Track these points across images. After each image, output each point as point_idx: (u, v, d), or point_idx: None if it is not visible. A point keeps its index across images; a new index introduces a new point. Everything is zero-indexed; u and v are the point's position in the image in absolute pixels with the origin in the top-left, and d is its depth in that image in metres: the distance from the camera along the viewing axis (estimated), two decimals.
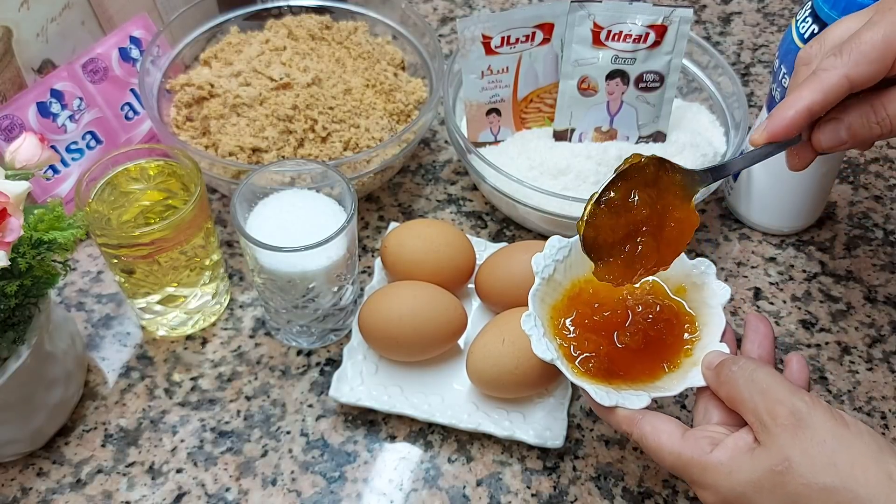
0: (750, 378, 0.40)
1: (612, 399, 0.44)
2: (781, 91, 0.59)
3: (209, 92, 0.66)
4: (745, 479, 0.38)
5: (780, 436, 0.38)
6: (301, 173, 0.55)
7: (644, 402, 0.44)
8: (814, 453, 0.37)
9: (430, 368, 0.57)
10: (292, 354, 0.59)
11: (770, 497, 0.38)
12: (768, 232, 0.68)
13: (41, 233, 0.46)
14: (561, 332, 0.48)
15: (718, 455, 0.39)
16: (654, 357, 0.48)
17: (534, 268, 0.49)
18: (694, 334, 0.48)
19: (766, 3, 0.93)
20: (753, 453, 0.39)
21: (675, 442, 0.41)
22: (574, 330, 0.48)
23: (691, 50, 0.70)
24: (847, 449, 0.37)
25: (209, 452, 0.54)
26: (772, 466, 0.38)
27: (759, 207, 0.67)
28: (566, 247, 0.50)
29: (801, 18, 0.56)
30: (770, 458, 0.38)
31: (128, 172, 0.55)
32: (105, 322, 0.61)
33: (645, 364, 0.47)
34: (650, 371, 0.47)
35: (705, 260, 0.50)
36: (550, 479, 0.53)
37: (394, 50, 0.74)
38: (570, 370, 0.45)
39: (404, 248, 0.58)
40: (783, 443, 0.38)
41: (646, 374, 0.47)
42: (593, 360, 0.47)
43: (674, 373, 0.47)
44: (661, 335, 0.48)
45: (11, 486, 0.52)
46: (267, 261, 0.52)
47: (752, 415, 0.39)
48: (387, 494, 0.52)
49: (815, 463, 0.37)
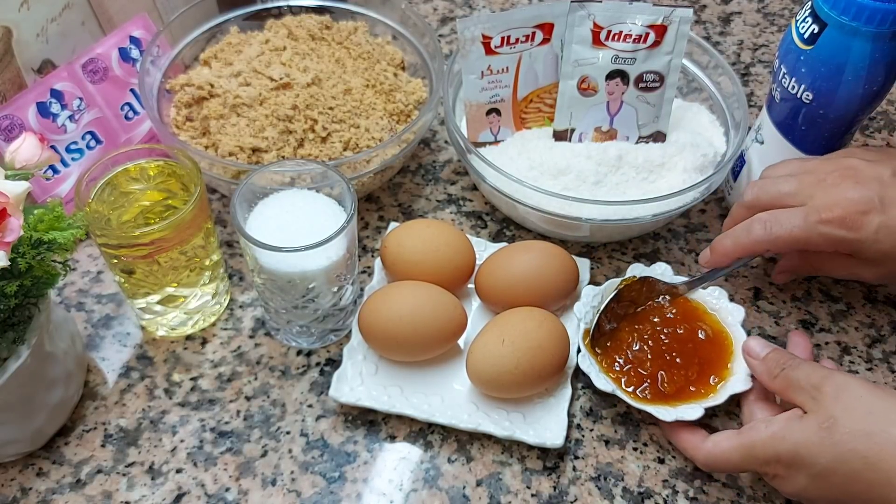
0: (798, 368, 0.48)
1: (672, 415, 0.52)
2: (782, 91, 0.59)
3: (209, 92, 0.66)
4: (798, 439, 0.45)
5: (824, 402, 0.45)
6: (301, 173, 0.55)
7: (698, 413, 0.52)
8: (854, 406, 0.44)
9: (430, 368, 0.57)
10: (292, 354, 0.59)
11: (819, 449, 0.44)
12: None
13: (41, 233, 0.46)
14: (612, 368, 0.55)
15: (773, 428, 0.47)
16: (702, 372, 0.55)
17: (577, 315, 0.57)
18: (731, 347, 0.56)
19: (766, 3, 0.93)
20: (802, 420, 0.46)
21: (734, 438, 0.49)
22: (624, 364, 0.55)
23: (691, 50, 0.70)
24: (881, 401, 0.44)
25: (209, 452, 0.54)
26: (819, 424, 0.45)
27: None
28: (598, 294, 0.59)
29: (801, 18, 0.56)
30: (817, 419, 0.45)
31: (128, 172, 0.55)
32: (105, 322, 0.61)
33: (695, 381, 0.54)
34: (700, 386, 0.54)
35: (717, 287, 0.59)
36: (550, 479, 0.53)
37: (394, 50, 0.74)
38: (629, 398, 0.53)
39: (404, 248, 0.58)
40: (828, 405, 0.45)
41: (697, 389, 0.54)
42: (647, 389, 0.54)
43: (721, 383, 0.54)
44: (706, 353, 0.56)
45: (11, 486, 0.52)
46: (267, 261, 0.52)
47: (803, 394, 0.47)
48: (387, 494, 0.52)
49: (855, 414, 0.44)
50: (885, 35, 0.52)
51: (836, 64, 0.54)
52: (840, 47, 0.53)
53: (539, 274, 0.57)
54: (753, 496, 0.53)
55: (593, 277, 0.64)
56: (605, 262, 0.66)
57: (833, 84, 0.55)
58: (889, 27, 0.51)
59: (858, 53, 0.53)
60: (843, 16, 0.52)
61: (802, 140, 0.60)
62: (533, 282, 0.57)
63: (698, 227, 0.69)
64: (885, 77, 0.54)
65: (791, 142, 0.61)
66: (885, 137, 0.77)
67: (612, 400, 0.57)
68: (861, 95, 0.55)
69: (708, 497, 0.53)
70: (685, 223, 0.69)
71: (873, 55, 0.52)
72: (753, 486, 0.53)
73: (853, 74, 0.54)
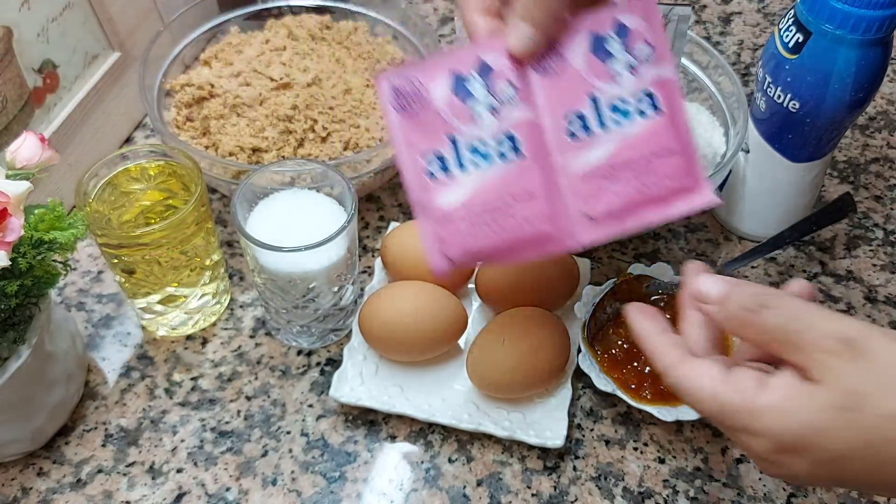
0: (789, 313, 0.35)
1: (672, 415, 0.52)
2: (767, 100, 0.58)
3: (209, 92, 0.66)
4: (804, 421, 0.34)
5: (839, 369, 0.33)
6: (301, 173, 0.55)
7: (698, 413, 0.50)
8: (885, 380, 0.33)
9: (431, 368, 0.57)
10: (292, 354, 0.59)
11: (836, 434, 0.33)
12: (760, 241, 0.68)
13: (42, 233, 0.46)
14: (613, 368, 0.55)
15: (767, 398, 0.34)
16: None
17: (577, 315, 0.57)
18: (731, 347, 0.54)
19: (766, 3, 0.93)
20: (810, 393, 0.34)
21: (717, 386, 0.36)
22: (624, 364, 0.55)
23: (691, 50, 0.70)
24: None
25: (209, 452, 0.54)
26: (836, 404, 0.33)
27: (748, 217, 0.67)
28: (599, 294, 0.58)
29: (785, 27, 0.55)
30: (832, 395, 0.33)
31: (128, 172, 0.55)
32: (105, 322, 0.61)
33: None
34: None
35: None
36: (550, 479, 0.53)
37: (394, 50, 0.74)
38: (630, 398, 0.53)
39: (404, 247, 0.58)
40: (846, 376, 0.33)
41: None
42: (647, 389, 0.54)
43: None
44: None
45: (12, 486, 0.52)
46: (267, 261, 0.52)
47: (802, 354, 0.34)
48: (387, 494, 0.52)
49: (889, 391, 0.33)
50: (870, 42, 0.52)
51: (822, 72, 0.54)
52: (826, 55, 0.53)
53: (539, 274, 0.57)
54: (754, 496, 0.53)
55: (593, 277, 0.64)
56: (605, 262, 0.66)
57: (820, 92, 0.55)
58: (874, 34, 0.51)
59: (844, 61, 0.53)
60: (829, 24, 0.52)
61: (789, 148, 0.60)
62: (533, 282, 0.57)
63: (698, 227, 0.69)
64: (871, 83, 0.54)
65: (778, 150, 0.61)
66: (885, 137, 0.77)
67: (612, 400, 0.57)
68: (848, 102, 0.55)
69: (708, 497, 0.53)
70: (685, 223, 0.69)
71: (859, 62, 0.53)
72: (754, 485, 0.53)
73: (840, 82, 0.54)
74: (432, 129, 0.41)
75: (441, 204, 0.41)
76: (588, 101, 0.41)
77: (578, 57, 0.41)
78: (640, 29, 0.41)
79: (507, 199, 0.41)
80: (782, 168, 0.61)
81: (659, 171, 0.41)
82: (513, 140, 0.41)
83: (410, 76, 0.41)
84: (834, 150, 0.62)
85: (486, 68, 0.41)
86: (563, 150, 0.41)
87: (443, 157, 0.41)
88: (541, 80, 0.41)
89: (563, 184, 0.41)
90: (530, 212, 0.41)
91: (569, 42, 0.41)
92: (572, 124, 0.41)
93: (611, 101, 0.41)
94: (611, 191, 0.41)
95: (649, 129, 0.41)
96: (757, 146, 0.62)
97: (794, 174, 0.62)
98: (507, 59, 0.41)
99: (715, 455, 0.54)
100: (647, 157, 0.41)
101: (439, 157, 0.41)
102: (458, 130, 0.41)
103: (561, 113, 0.41)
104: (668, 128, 0.41)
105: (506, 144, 0.41)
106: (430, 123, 0.41)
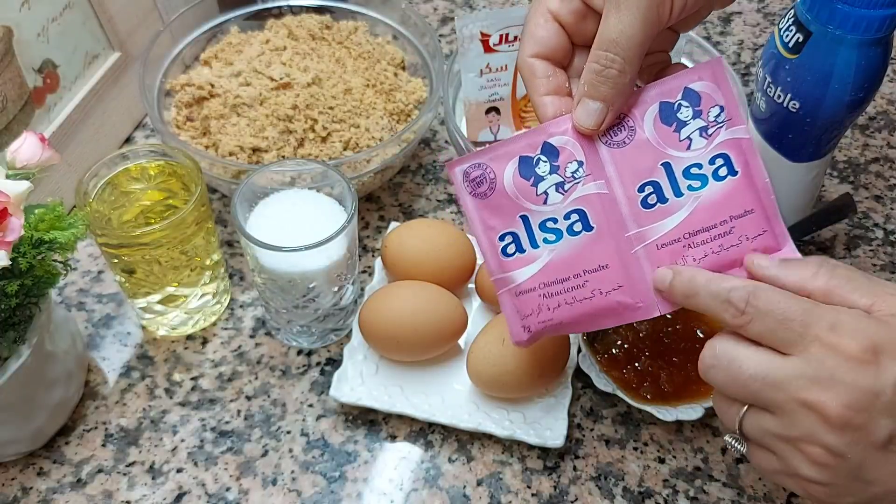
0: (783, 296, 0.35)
1: (672, 414, 0.53)
2: (767, 100, 0.58)
3: (209, 92, 0.66)
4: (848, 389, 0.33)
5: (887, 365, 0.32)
6: (301, 173, 0.56)
7: (699, 413, 0.52)
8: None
9: (431, 368, 0.57)
10: (292, 354, 0.59)
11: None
12: None
13: (42, 232, 0.46)
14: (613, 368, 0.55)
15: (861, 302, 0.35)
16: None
17: None
18: None
19: (766, 3, 0.93)
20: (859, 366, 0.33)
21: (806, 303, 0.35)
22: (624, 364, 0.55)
23: (691, 50, 0.70)
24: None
25: (209, 452, 0.54)
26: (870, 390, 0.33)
27: None
28: None
29: (785, 27, 0.55)
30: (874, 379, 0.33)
31: (128, 172, 0.55)
32: (105, 322, 0.61)
33: (695, 380, 0.53)
34: (700, 385, 0.53)
35: None
36: (551, 479, 0.53)
37: (394, 50, 0.74)
38: (629, 397, 0.53)
39: (405, 247, 0.58)
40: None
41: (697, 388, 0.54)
42: (648, 389, 0.54)
43: None
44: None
45: (12, 486, 0.52)
46: (267, 260, 0.52)
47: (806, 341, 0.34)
48: (387, 494, 0.52)
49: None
50: (870, 42, 0.52)
51: (822, 72, 0.54)
52: (826, 55, 0.53)
53: None
54: (754, 496, 0.53)
55: None
56: None
57: (820, 92, 0.55)
58: (875, 34, 0.51)
59: (844, 61, 0.53)
60: (829, 24, 0.51)
61: (789, 148, 0.60)
62: None
63: None
64: (871, 83, 0.54)
65: (778, 150, 0.61)
66: (885, 137, 0.77)
67: (612, 400, 0.57)
68: (848, 102, 0.55)
69: (708, 497, 0.53)
70: None
71: (859, 62, 0.52)
72: (754, 485, 0.53)
73: (840, 82, 0.54)
74: (506, 210, 0.42)
75: (518, 280, 0.43)
76: (661, 170, 0.41)
77: (648, 126, 0.41)
78: (709, 92, 0.41)
79: (580, 272, 0.42)
80: (782, 168, 0.61)
81: (738, 233, 0.40)
82: (581, 214, 0.42)
83: (481, 162, 0.42)
84: (834, 150, 0.62)
85: (552, 148, 0.42)
86: (639, 220, 0.41)
87: (517, 236, 0.43)
88: (610, 151, 0.41)
89: (641, 253, 0.41)
90: (603, 283, 0.41)
91: (638, 113, 0.41)
92: (646, 194, 0.41)
93: (684, 168, 0.41)
94: (690, 257, 0.41)
95: (726, 191, 0.41)
96: (757, 146, 0.62)
97: (794, 174, 0.62)
98: (573, 136, 0.41)
99: (715, 455, 0.54)
100: (725, 221, 0.40)
101: (513, 236, 0.43)
102: (529, 210, 0.42)
103: (634, 183, 0.41)
104: (744, 189, 0.41)
105: (575, 219, 0.42)
106: (502, 206, 0.42)
